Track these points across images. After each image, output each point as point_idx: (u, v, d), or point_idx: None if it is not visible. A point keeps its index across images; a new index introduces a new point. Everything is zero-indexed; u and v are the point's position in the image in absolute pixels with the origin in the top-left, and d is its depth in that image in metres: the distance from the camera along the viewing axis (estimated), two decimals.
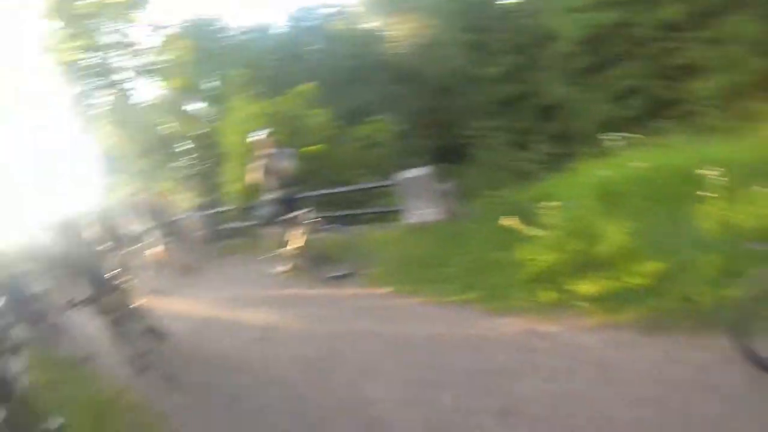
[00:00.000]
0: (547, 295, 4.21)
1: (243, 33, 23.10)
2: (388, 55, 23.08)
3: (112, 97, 20.66)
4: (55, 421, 5.17)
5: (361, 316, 5.38)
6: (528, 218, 5.12)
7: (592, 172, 6.48)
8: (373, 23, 25.41)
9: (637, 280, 3.79)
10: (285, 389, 4.34)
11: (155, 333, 5.88)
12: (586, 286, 3.99)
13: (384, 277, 6.03)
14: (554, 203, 4.95)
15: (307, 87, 12.02)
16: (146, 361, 5.21)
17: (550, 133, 17.11)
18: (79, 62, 20.29)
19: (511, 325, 4.11)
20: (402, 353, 4.30)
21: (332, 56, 21.39)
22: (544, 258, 4.50)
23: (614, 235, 4.28)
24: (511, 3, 21.05)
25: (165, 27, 20.45)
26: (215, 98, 18.83)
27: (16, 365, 7.40)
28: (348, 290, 6.14)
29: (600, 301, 3.85)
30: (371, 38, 23.66)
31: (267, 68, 19.60)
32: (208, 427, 4.24)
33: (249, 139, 7.31)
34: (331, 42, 22.74)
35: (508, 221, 5.07)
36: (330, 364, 4.53)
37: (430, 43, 22.61)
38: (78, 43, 19.63)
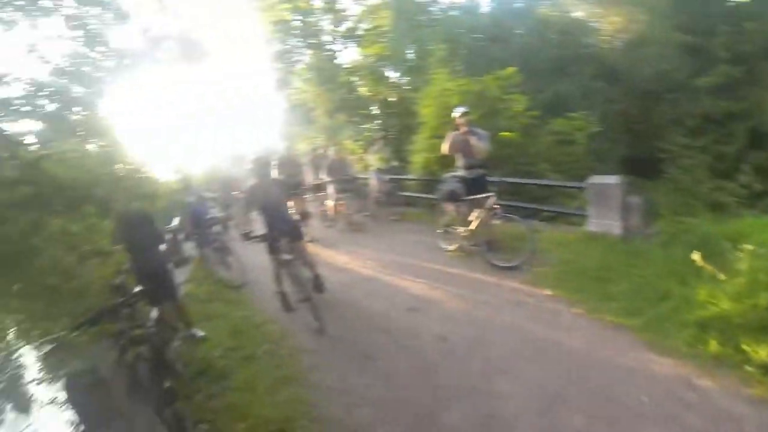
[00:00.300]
0: (714, 347, 3.84)
1: (448, 8, 23.20)
2: (594, 48, 21.80)
3: (314, 57, 22.17)
4: (199, 332, 5.88)
5: (515, 311, 5.37)
6: (714, 256, 4.72)
7: None
8: (582, 12, 24.15)
9: None
10: (418, 361, 4.60)
11: (316, 281, 6.27)
12: (764, 351, 3.56)
13: (548, 279, 5.96)
14: (749, 246, 4.45)
15: (509, 71, 11.74)
16: (300, 302, 5.71)
17: (760, 165, 15.14)
18: (288, 22, 22.09)
19: (663, 366, 3.85)
20: (541, 358, 4.28)
21: (535, 43, 20.65)
22: (724, 305, 4.09)
23: None
24: (740, 1, 18.59)
25: None
26: (413, 69, 19.18)
27: (181, 274, 8.42)
28: (510, 282, 6.13)
29: None
30: (578, 28, 22.42)
31: (468, 46, 19.46)
32: (333, 372, 4.66)
33: (451, 114, 7.32)
34: (535, 27, 21.97)
35: (693, 254, 4.60)
36: (468, 350, 4.66)
37: (641, 41, 20.93)
38: (289, 4, 21.34)
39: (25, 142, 4.43)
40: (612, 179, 6.82)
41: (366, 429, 3.74)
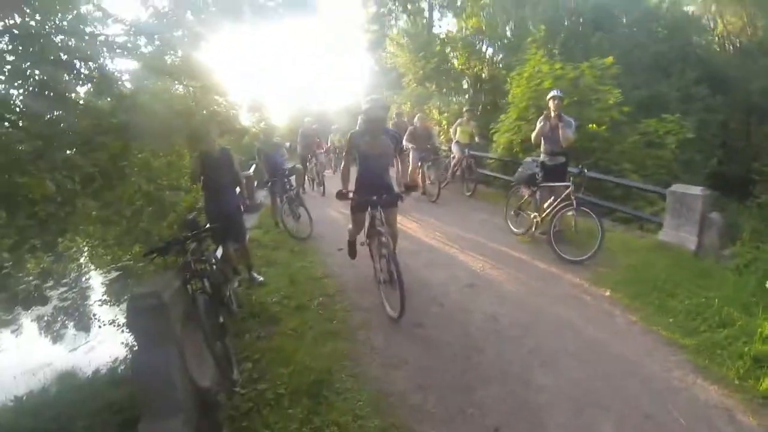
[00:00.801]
0: (766, 385, 3.67)
1: None
2: (703, 49, 20.52)
3: (410, 23, 22.02)
4: (258, 277, 6.17)
5: (571, 305, 5.36)
6: None
7: None
8: (696, 7, 22.68)
9: None
10: (465, 336, 4.74)
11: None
12: None
13: (611, 280, 5.89)
14: None
15: (607, 61, 11.31)
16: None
17: None
18: None
19: (707, 393, 3.71)
20: (587, 358, 4.27)
21: (640, 35, 19.65)
22: None
23: None
24: None
25: None
26: (509, 47, 18.77)
27: (251, 219, 8.73)
28: (572, 276, 6.11)
29: None
30: (689, 25, 21.13)
31: (569, 30, 18.79)
32: (381, 333, 4.90)
33: (545, 97, 7.23)
34: (642, 18, 20.85)
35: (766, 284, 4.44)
36: (516, 335, 4.74)
37: (755, 49, 19.51)
38: None
39: (123, 78, 4.71)
40: (696, 190, 6.59)
41: (400, 392, 3.89)
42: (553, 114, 7.03)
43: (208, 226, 5.24)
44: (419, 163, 10.66)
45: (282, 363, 4.23)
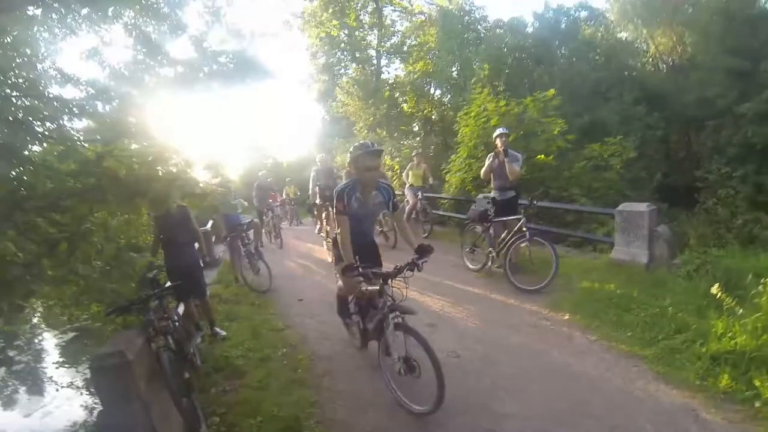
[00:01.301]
0: (726, 381, 3.85)
1: (494, 26, 23.28)
2: (637, 71, 21.54)
3: (358, 71, 22.54)
4: (221, 332, 6.13)
5: (531, 332, 5.46)
6: (737, 290, 4.80)
7: None
8: (628, 33, 23.86)
9: None
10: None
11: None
12: None
13: (568, 303, 6.04)
14: None
15: (549, 93, 11.78)
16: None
17: None
18: (335, 37, 22.54)
19: (670, 397, 3.87)
20: (550, 381, 4.34)
21: (578, 65, 20.55)
22: (741, 340, 4.12)
23: None
24: None
25: (418, 13, 21.60)
26: (456, 87, 19.36)
27: (210, 275, 8.66)
28: (530, 305, 6.21)
29: None
30: (623, 50, 22.20)
31: (511, 66, 19.50)
32: (345, 378, 4.87)
33: (494, 135, 7.46)
34: (579, 48, 21.83)
35: (716, 289, 4.62)
36: (479, 367, 4.76)
37: (687, 65, 20.57)
38: (337, 21, 21.77)
39: (81, 140, 4.75)
40: (641, 207, 6.82)
41: None
42: (499, 150, 7.27)
43: (168, 283, 5.20)
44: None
45: (250, 414, 4.17)
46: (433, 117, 19.79)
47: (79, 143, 4.55)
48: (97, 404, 6.97)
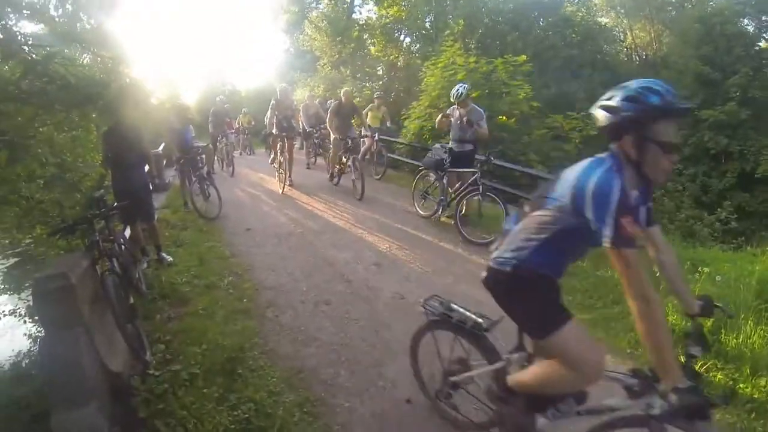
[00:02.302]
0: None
1: None
2: (612, 57, 21.84)
3: (330, 6, 21.94)
4: (167, 257, 6.01)
5: (476, 284, 5.33)
6: None
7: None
8: (608, 19, 24.09)
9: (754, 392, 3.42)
10: (372, 313, 4.84)
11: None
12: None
13: None
14: (706, 270, 4.89)
15: (520, 59, 11.76)
16: None
17: (741, 205, 15.67)
18: None
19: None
20: None
21: (554, 38, 20.60)
22: (672, 318, 4.32)
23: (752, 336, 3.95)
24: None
25: None
26: (426, 37, 19.12)
27: (159, 199, 8.45)
28: (476, 258, 6.20)
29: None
30: (601, 34, 22.43)
31: (486, 26, 19.33)
32: (289, 310, 4.89)
33: (453, 91, 7.35)
34: (557, 23, 21.88)
35: (655, 267, 4.80)
36: (418, 312, 4.73)
37: (659, 62, 21.03)
38: None
39: (29, 43, 4.37)
40: None
41: (312, 368, 3.87)
42: (459, 104, 7.23)
43: (115, 204, 4.95)
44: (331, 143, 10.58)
45: (194, 343, 4.08)
46: (399, 63, 19.50)
47: (25, 47, 4.20)
48: (41, 332, 6.76)
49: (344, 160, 9.80)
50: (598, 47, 21.60)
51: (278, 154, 10.38)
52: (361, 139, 11.52)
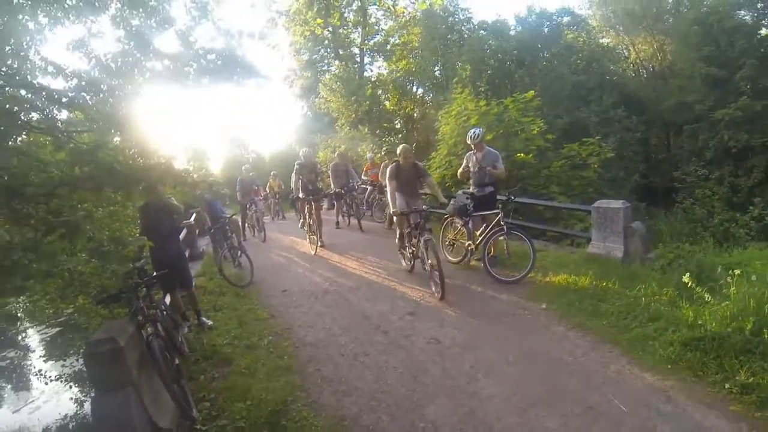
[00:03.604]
0: (696, 365, 4.07)
1: (477, 28, 23.50)
2: (618, 76, 21.92)
3: (342, 68, 22.65)
4: (207, 321, 6.24)
5: (508, 321, 5.66)
6: (708, 281, 5.11)
7: None
8: (609, 39, 24.27)
9: None
10: (410, 359, 4.96)
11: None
12: (744, 374, 3.78)
13: (546, 294, 6.23)
14: (738, 272, 4.81)
15: (529, 95, 12.05)
16: None
17: None
18: (319, 35, 22.61)
19: (644, 380, 4.07)
20: (527, 365, 4.56)
21: (559, 68, 20.82)
22: (711, 327, 4.34)
23: None
24: None
25: (402, 14, 21.78)
26: (438, 86, 19.54)
27: (194, 267, 8.74)
28: (509, 296, 6.39)
29: (751, 394, 3.62)
30: (604, 55, 22.57)
31: (493, 68, 19.72)
32: (329, 364, 5.04)
33: (468, 134, 7.64)
34: (561, 52, 22.13)
35: (687, 278, 4.84)
36: (458, 353, 4.97)
37: (665, 71, 21.04)
38: (321, 19, 21.86)
39: (70, 130, 4.82)
40: (617, 204, 7.07)
41: (353, 416, 4.02)
42: (475, 149, 7.51)
43: (155, 273, 5.28)
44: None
45: (238, 399, 4.29)
46: (415, 115, 20.00)
47: (64, 134, 4.63)
48: (86, 396, 6.99)
49: (413, 241, 7.51)
50: (605, 68, 21.65)
51: (306, 217, 10.63)
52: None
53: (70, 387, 8.22)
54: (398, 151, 7.85)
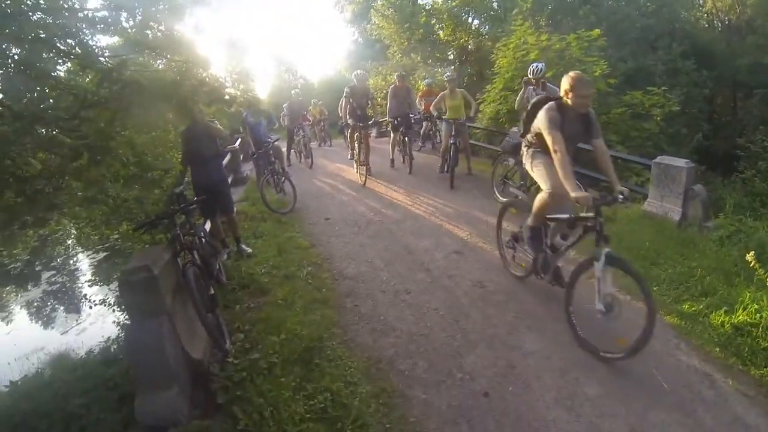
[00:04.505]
0: (746, 352, 3.73)
1: None
2: (691, 25, 20.47)
3: None
4: (247, 249, 6.33)
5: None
6: None
7: None
8: None
9: None
10: (452, 302, 4.90)
11: None
12: None
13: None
14: None
15: (594, 33, 11.31)
16: None
17: None
18: None
19: (689, 359, 3.77)
20: (564, 326, 4.20)
21: (627, 9, 19.52)
22: (766, 312, 3.98)
23: None
24: None
25: None
26: (495, 18, 18.68)
27: (236, 193, 8.76)
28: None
29: None
30: (678, 0, 21.04)
31: (556, 2, 18.57)
32: (368, 300, 5.02)
33: (530, 68, 7.26)
34: None
35: (751, 257, 4.42)
36: (503, 299, 4.88)
37: (743, 26, 19.53)
38: None
39: (105, 54, 4.66)
40: (680, 162, 6.58)
41: (389, 358, 3.98)
42: (533, 85, 7.12)
43: (195, 199, 5.25)
44: (404, 132, 10.55)
45: (273, 332, 4.25)
46: (470, 47, 19.21)
47: (102, 58, 4.47)
48: (128, 320, 7.25)
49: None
50: (676, 15, 20.17)
51: (355, 147, 10.38)
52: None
53: (114, 311, 8.58)
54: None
